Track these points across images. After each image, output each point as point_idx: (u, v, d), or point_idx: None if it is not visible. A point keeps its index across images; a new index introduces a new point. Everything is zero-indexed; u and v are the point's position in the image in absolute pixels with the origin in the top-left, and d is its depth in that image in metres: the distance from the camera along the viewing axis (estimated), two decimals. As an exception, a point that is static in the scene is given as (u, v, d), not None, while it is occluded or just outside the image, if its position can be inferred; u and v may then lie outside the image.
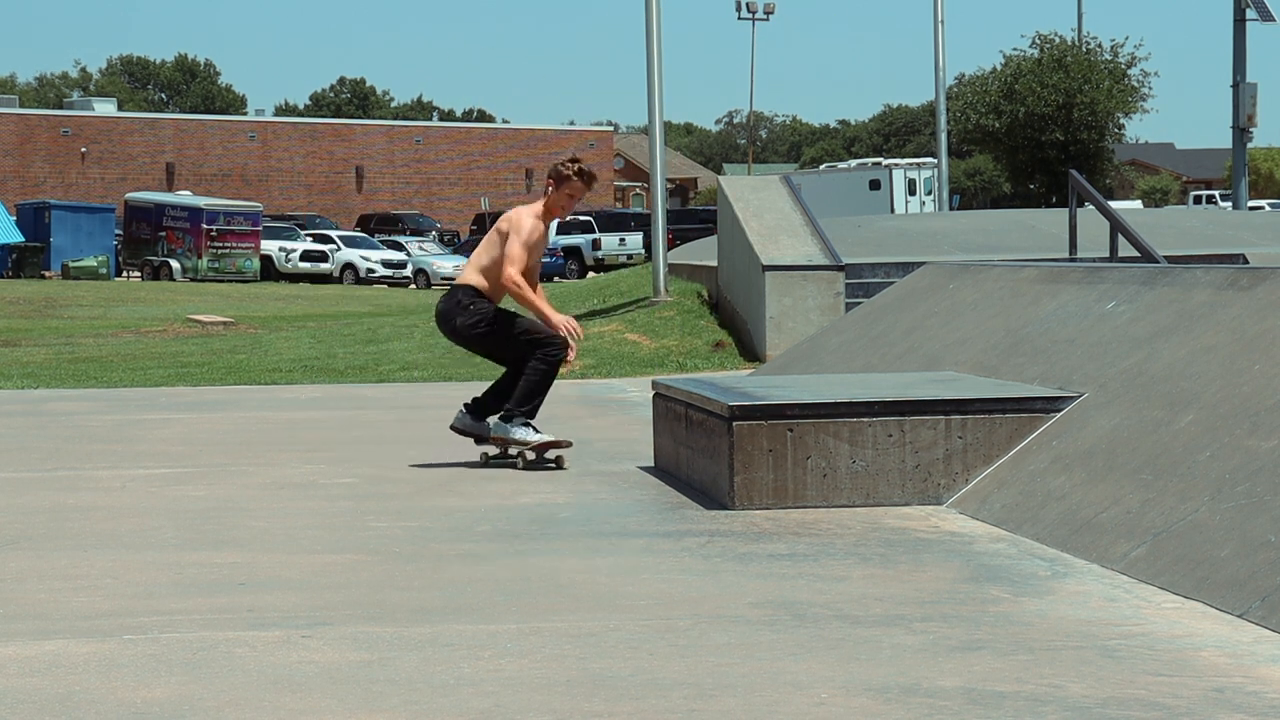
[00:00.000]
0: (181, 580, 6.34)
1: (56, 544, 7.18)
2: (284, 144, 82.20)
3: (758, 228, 18.64)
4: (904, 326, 11.77)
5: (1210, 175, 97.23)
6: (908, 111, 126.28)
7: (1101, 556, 6.35)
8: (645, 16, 22.67)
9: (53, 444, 11.12)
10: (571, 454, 9.68)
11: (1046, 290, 10.35)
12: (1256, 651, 4.95)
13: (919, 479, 7.87)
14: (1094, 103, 58.52)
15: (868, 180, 62.29)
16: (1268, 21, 39.43)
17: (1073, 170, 19.60)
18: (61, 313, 35.28)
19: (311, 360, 20.04)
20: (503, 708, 4.46)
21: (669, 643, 5.18)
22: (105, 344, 25.20)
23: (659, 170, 23.09)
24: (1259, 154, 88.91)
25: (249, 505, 8.27)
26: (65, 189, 73.46)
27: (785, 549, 6.80)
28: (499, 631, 5.37)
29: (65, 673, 4.89)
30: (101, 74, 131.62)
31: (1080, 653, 4.98)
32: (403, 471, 9.47)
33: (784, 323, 17.62)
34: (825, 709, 4.41)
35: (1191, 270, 9.11)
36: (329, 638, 5.31)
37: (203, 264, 52.81)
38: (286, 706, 4.51)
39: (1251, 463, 6.31)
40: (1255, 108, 38.93)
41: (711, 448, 8.15)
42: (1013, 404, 8.01)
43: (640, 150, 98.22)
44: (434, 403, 14.08)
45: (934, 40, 35.29)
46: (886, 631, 5.30)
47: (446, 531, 7.38)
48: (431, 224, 72.78)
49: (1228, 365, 7.37)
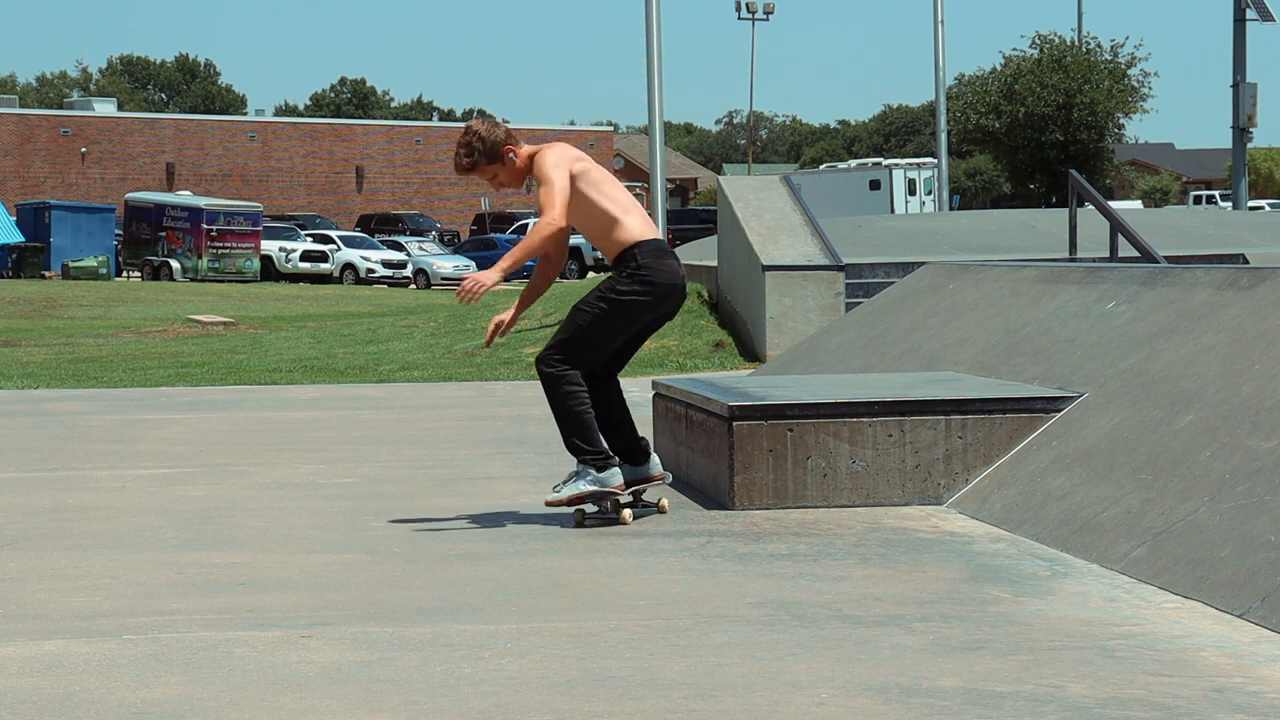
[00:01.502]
0: (181, 580, 6.34)
1: (56, 544, 7.18)
2: (284, 144, 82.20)
3: (758, 228, 18.64)
4: (904, 326, 11.77)
5: (1210, 175, 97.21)
6: (908, 111, 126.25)
7: (1101, 556, 6.35)
8: (645, 16, 22.68)
9: (53, 444, 11.12)
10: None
11: (1046, 290, 10.35)
12: (1256, 651, 4.95)
13: (919, 479, 7.87)
14: (1094, 103, 58.58)
15: (868, 180, 62.28)
16: (1268, 21, 39.45)
17: (1073, 170, 19.60)
18: (61, 313, 35.28)
19: (311, 360, 20.04)
20: (503, 708, 4.46)
21: (669, 643, 5.18)
22: (105, 344, 25.20)
23: (659, 170, 23.10)
24: (1259, 154, 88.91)
25: (249, 505, 8.27)
26: (65, 189, 73.45)
27: (785, 549, 6.80)
28: (499, 631, 5.37)
29: (65, 673, 4.89)
30: (101, 74, 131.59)
31: (1080, 653, 4.98)
32: (403, 471, 9.46)
33: (784, 323, 17.62)
34: (825, 709, 4.41)
35: (1191, 270, 9.11)
36: (329, 638, 5.31)
37: (203, 264, 52.82)
38: (286, 706, 4.51)
39: (1251, 463, 6.31)
40: (1255, 108, 38.95)
41: (711, 448, 8.15)
42: (1013, 404, 8.01)
43: (640, 150, 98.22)
44: (434, 403, 14.09)
45: (934, 40, 35.30)
46: (886, 631, 5.30)
47: (446, 531, 7.38)
48: (431, 224, 72.77)
49: (1228, 365, 7.37)
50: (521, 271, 56.00)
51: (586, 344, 7.50)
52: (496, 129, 7.71)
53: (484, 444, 10.77)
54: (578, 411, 7.46)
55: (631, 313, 7.54)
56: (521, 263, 7.55)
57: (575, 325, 7.51)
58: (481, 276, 7.40)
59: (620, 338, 7.60)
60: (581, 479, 7.45)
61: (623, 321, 7.55)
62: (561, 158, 7.59)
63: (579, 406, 7.46)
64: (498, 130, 7.70)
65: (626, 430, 7.75)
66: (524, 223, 64.05)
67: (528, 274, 56.82)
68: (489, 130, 7.68)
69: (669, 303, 7.64)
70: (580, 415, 7.47)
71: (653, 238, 7.64)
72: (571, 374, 7.46)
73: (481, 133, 7.67)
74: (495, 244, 58.26)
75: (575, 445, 7.47)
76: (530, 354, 19.49)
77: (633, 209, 7.67)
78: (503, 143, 7.66)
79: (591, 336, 7.50)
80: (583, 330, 7.50)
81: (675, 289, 7.63)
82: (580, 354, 7.49)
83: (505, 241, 58.52)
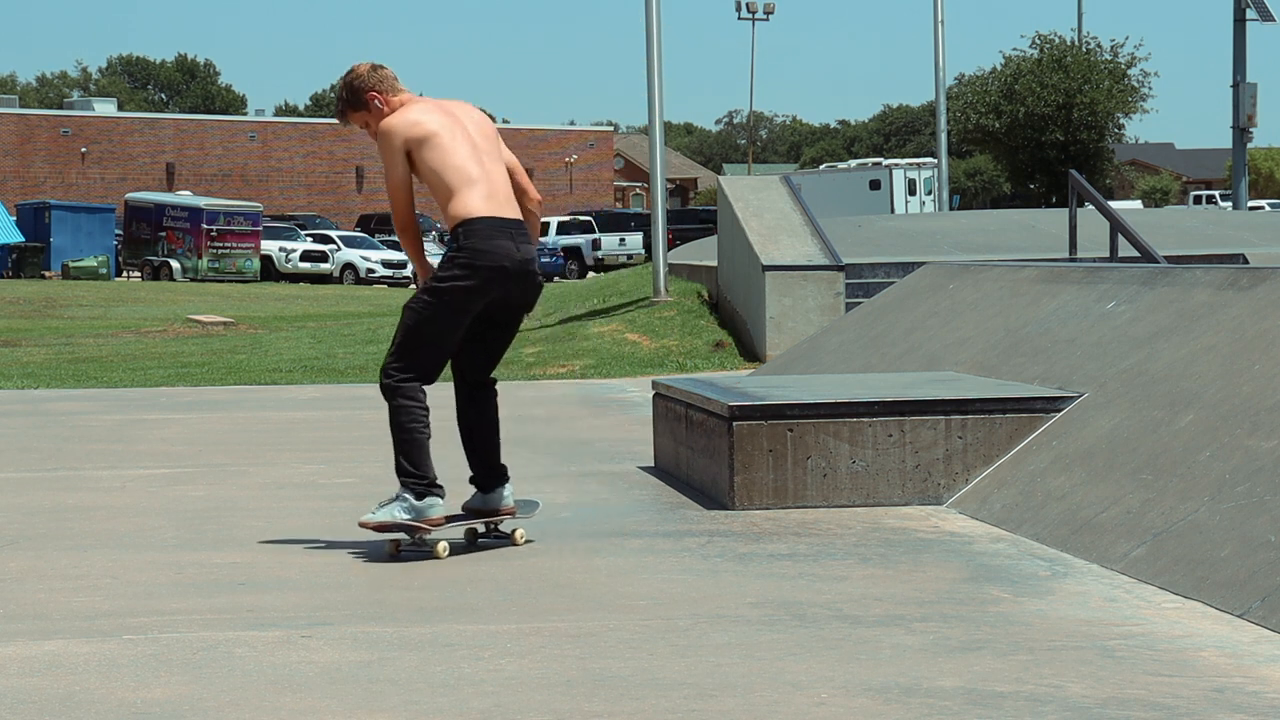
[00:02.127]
0: (181, 580, 6.34)
1: (56, 544, 7.18)
2: (284, 144, 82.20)
3: (758, 228, 18.64)
4: (904, 326, 11.77)
5: (1210, 175, 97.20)
6: (908, 111, 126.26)
7: (1101, 556, 6.35)
8: (645, 16, 22.67)
9: (53, 444, 11.12)
10: (571, 454, 9.65)
11: (1046, 290, 10.35)
12: (1256, 651, 4.95)
13: (919, 479, 7.87)
14: (1094, 103, 58.57)
15: (868, 180, 62.27)
16: (1268, 21, 39.44)
17: (1073, 170, 19.60)
18: (61, 313, 35.28)
19: (311, 360, 20.04)
20: (503, 708, 4.46)
21: (669, 643, 5.18)
22: (105, 344, 25.20)
23: (659, 170, 23.09)
24: (1259, 154, 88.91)
25: (249, 505, 8.27)
26: (65, 189, 73.45)
27: (785, 549, 6.80)
28: (499, 631, 5.37)
29: (65, 673, 4.89)
30: (101, 74, 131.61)
31: (1080, 653, 4.98)
32: (403, 471, 9.45)
33: (784, 323, 17.62)
34: (825, 709, 4.41)
35: (1191, 270, 9.11)
36: (329, 638, 5.31)
37: (203, 264, 52.82)
38: (286, 706, 4.51)
39: (1251, 463, 6.31)
40: (1255, 108, 38.94)
41: (711, 448, 8.15)
42: (1013, 404, 8.01)
43: (640, 150, 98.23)
44: (434, 403, 14.08)
45: (934, 40, 35.28)
46: (886, 631, 5.30)
47: (446, 531, 7.37)
48: (431, 224, 72.75)
49: (1228, 365, 7.37)
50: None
51: (417, 344, 6.75)
52: (375, 73, 6.92)
53: (484, 444, 10.75)
54: (409, 429, 6.75)
55: (456, 301, 6.73)
56: (424, 266, 6.94)
57: (404, 325, 6.79)
58: (421, 282, 6.93)
59: (453, 331, 6.79)
60: (398, 505, 6.73)
61: (449, 313, 6.75)
62: (400, 131, 6.76)
63: (411, 424, 6.75)
64: (375, 75, 6.91)
65: (487, 451, 7.03)
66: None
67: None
68: (364, 74, 6.91)
69: (499, 286, 6.76)
70: (410, 434, 6.76)
71: (485, 214, 6.76)
72: (409, 387, 6.75)
73: (353, 74, 6.94)
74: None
75: (399, 465, 6.76)
76: (530, 354, 19.48)
77: (479, 181, 6.80)
78: (368, 89, 6.90)
79: (420, 335, 6.75)
80: (410, 330, 6.77)
81: (502, 271, 6.74)
82: (416, 357, 6.76)
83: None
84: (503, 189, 6.89)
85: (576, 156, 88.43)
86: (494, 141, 6.99)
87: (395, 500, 6.76)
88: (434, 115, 6.85)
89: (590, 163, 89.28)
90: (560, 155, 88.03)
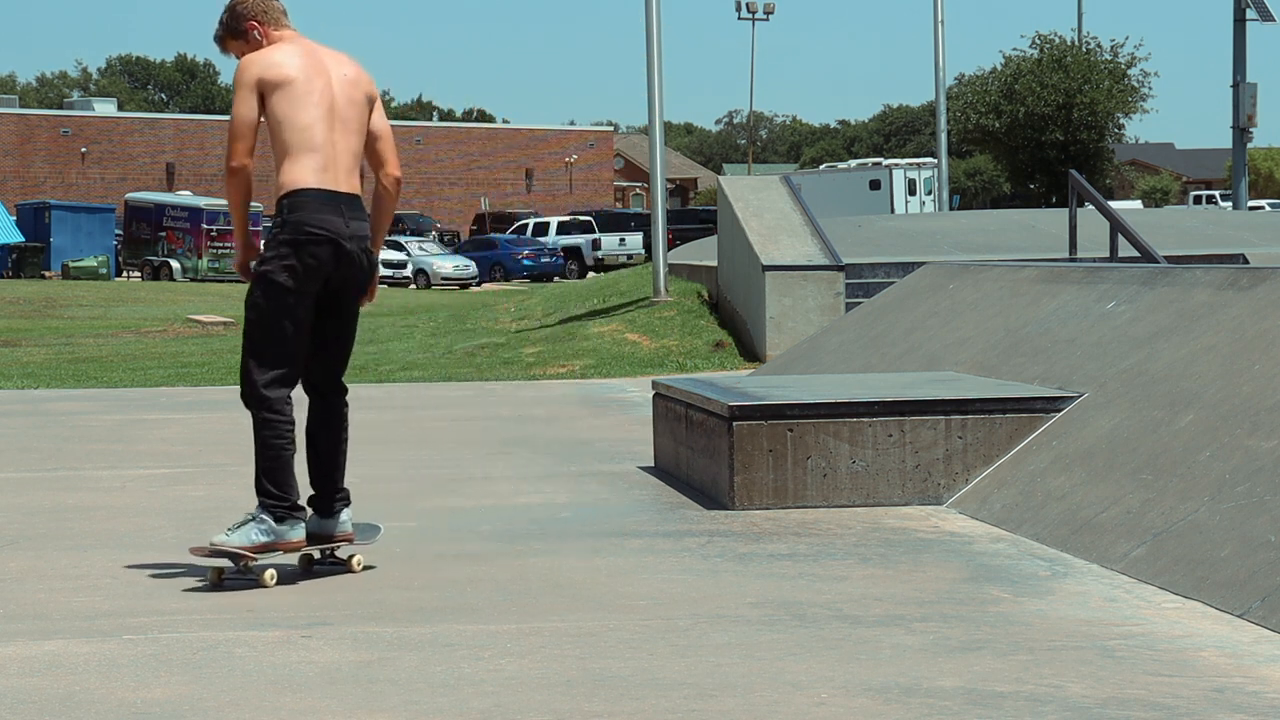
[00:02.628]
0: (181, 580, 6.34)
1: (56, 544, 7.18)
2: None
3: (758, 228, 18.64)
4: (904, 326, 11.77)
5: (1210, 175, 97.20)
6: (908, 111, 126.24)
7: (1101, 556, 6.35)
8: (645, 16, 22.68)
9: (53, 444, 11.12)
10: (571, 454, 9.64)
11: (1046, 290, 10.35)
12: (1256, 651, 4.95)
13: (919, 479, 7.87)
14: (1094, 103, 58.57)
15: (868, 180, 62.27)
16: (1268, 21, 39.45)
17: (1073, 170, 19.60)
18: (61, 313, 35.28)
19: (311, 360, 20.01)
20: (503, 708, 4.46)
21: (669, 643, 5.18)
22: (105, 344, 25.21)
23: (659, 170, 23.09)
24: (1259, 154, 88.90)
25: (249, 505, 8.24)
26: (65, 189, 73.46)
27: (785, 549, 6.80)
28: (499, 631, 5.37)
29: (65, 673, 4.89)
30: (101, 74, 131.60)
31: (1080, 653, 4.98)
32: (402, 471, 9.46)
33: (784, 323, 17.62)
34: (825, 709, 4.41)
35: (1191, 270, 9.12)
36: (329, 638, 5.31)
37: (203, 264, 52.84)
38: (286, 706, 4.51)
39: (1251, 463, 6.31)
40: (1255, 108, 38.94)
41: (711, 448, 8.15)
42: (1013, 404, 8.01)
43: (640, 150, 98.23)
44: (434, 403, 14.09)
45: (934, 40, 35.29)
46: (886, 631, 5.30)
47: (446, 531, 7.38)
48: (431, 224, 72.79)
49: (1228, 365, 7.37)
50: (527, 270, 55.92)
51: (264, 342, 6.23)
52: (262, 2, 6.43)
53: (484, 444, 10.76)
54: (274, 445, 6.26)
55: (285, 286, 6.18)
56: (244, 225, 6.38)
57: (246, 325, 6.29)
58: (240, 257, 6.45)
59: (296, 319, 6.23)
60: (256, 526, 6.24)
61: (282, 301, 6.18)
62: (255, 69, 6.24)
63: (275, 440, 6.27)
64: (260, 4, 6.42)
65: (329, 468, 6.56)
66: (524, 223, 64.04)
67: (525, 273, 56.88)
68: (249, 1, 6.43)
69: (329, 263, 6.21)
70: (276, 450, 6.27)
71: (314, 186, 6.18)
72: (273, 399, 6.24)
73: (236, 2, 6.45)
74: (495, 244, 58.12)
75: (260, 484, 6.28)
76: (530, 354, 19.50)
77: (319, 149, 6.21)
78: (249, 16, 6.40)
79: (264, 332, 6.22)
80: (253, 327, 6.26)
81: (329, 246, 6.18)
82: (266, 358, 6.24)
83: (505, 241, 58.48)
84: (344, 161, 6.28)
85: (576, 156, 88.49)
86: (359, 107, 6.36)
87: (252, 521, 6.26)
88: (297, 61, 6.29)
89: (590, 163, 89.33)
90: (560, 155, 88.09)
